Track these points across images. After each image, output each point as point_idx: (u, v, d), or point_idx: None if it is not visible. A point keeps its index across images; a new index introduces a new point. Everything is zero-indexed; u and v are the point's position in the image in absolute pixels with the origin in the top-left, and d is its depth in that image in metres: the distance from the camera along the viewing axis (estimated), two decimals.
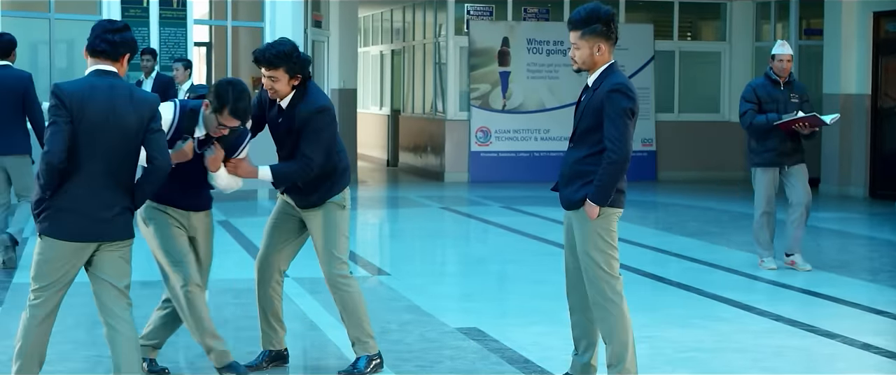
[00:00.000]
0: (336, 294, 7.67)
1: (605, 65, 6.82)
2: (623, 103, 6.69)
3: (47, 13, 16.77)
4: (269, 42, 7.53)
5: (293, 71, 7.27)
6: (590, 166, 6.78)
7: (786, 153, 11.89)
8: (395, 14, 26.67)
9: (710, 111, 24.10)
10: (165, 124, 6.88)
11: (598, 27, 6.76)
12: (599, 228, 6.81)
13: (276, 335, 7.86)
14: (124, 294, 6.53)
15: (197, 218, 7.42)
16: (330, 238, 7.57)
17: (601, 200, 6.74)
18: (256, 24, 18.98)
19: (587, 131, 6.82)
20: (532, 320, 9.48)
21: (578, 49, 6.81)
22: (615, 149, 6.66)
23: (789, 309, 9.96)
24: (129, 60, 6.42)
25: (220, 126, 6.96)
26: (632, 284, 11.18)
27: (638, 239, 14.37)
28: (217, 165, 7.18)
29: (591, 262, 6.83)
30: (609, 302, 6.84)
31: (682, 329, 9.23)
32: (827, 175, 20.79)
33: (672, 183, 22.73)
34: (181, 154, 6.99)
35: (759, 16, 23.74)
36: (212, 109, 6.92)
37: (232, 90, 6.90)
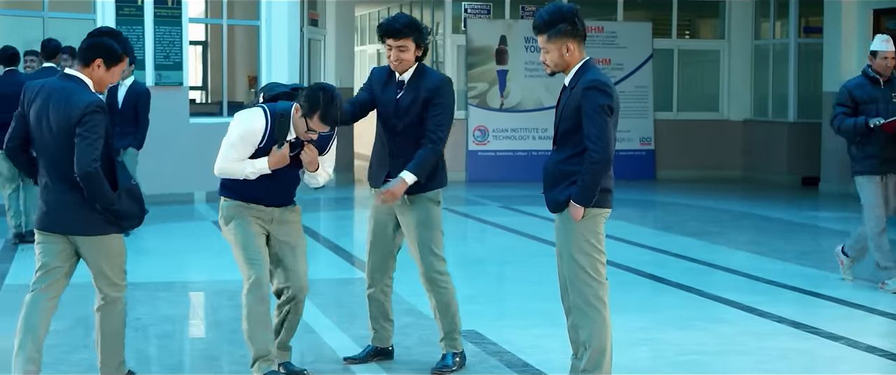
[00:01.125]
0: (433, 291, 7.70)
1: (579, 63, 6.68)
2: (600, 100, 6.52)
3: (41, 11, 16.62)
4: (390, 15, 7.57)
5: (419, 41, 7.41)
6: (573, 166, 6.62)
7: (889, 159, 10.81)
8: (392, 11, 26.47)
9: (709, 109, 23.99)
10: (258, 134, 7.00)
11: (563, 26, 6.61)
12: (585, 230, 6.64)
13: (386, 332, 7.97)
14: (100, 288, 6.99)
15: (285, 212, 7.31)
16: (427, 234, 7.61)
17: (585, 201, 6.57)
18: (252, 22, 18.86)
19: (568, 132, 6.66)
20: (531, 322, 9.35)
21: (548, 52, 6.68)
22: (596, 148, 6.49)
23: (792, 311, 9.84)
24: (108, 66, 6.76)
25: (309, 131, 6.96)
26: (631, 285, 11.15)
27: (637, 238, 14.26)
28: (316, 164, 7.19)
29: (575, 265, 6.67)
30: (590, 307, 6.68)
31: (683, 331, 9.11)
32: (827, 174, 20.68)
33: (671, 181, 22.62)
34: (280, 158, 7.07)
35: (758, 13, 23.63)
36: (302, 114, 6.91)
37: (323, 96, 6.88)
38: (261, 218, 7.18)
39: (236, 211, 7.18)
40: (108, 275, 6.93)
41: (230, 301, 10.25)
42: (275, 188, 7.21)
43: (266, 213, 7.20)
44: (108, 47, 6.71)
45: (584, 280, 6.66)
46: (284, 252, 7.27)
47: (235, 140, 7.04)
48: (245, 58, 21.95)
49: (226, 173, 7.12)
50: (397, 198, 7.46)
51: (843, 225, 16.32)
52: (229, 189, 7.23)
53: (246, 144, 7.04)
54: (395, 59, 7.40)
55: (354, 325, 9.18)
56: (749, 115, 23.65)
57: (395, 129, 7.51)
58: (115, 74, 6.83)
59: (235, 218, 7.17)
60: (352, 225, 16.71)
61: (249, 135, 7.02)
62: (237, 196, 7.19)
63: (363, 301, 8.03)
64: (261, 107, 7.12)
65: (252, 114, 7.07)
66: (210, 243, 13.77)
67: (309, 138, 7.02)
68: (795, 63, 22.46)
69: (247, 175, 7.06)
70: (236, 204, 7.18)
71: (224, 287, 10.77)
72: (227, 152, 7.08)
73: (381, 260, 7.82)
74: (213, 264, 12.40)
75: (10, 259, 12.24)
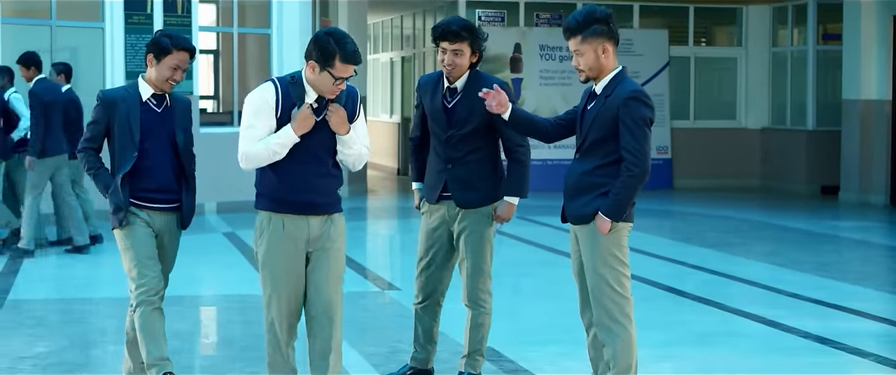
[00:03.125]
0: (474, 310, 7.34)
1: (613, 70, 6.38)
2: (642, 111, 6.26)
3: (49, 20, 16.39)
4: (446, 18, 7.20)
5: (476, 46, 7.11)
6: (600, 178, 6.33)
7: None
8: (405, 20, 26.36)
9: (726, 118, 23.74)
10: (270, 102, 6.21)
11: (598, 27, 6.30)
12: (610, 244, 6.35)
13: (428, 354, 7.61)
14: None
15: (323, 224, 6.41)
16: (480, 251, 7.24)
17: (616, 215, 6.28)
18: (263, 30, 18.63)
19: (598, 142, 6.36)
20: (549, 338, 9.08)
21: (582, 54, 6.35)
22: (636, 161, 6.21)
23: (816, 325, 9.55)
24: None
25: (336, 81, 6.18)
26: (649, 298, 10.87)
27: (654, 249, 13.99)
28: (346, 125, 6.31)
29: (601, 280, 6.36)
30: (616, 324, 6.37)
31: (706, 346, 8.84)
32: (847, 182, 20.42)
33: (688, 191, 22.37)
34: (304, 119, 6.21)
35: (775, 20, 23.37)
36: (320, 68, 6.15)
37: (333, 37, 6.18)
38: (298, 237, 6.34)
39: (270, 233, 6.35)
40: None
41: (241, 316, 10.02)
42: (311, 176, 6.32)
43: (303, 231, 6.34)
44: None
45: (610, 295, 6.37)
46: (313, 282, 6.44)
47: (250, 118, 6.28)
48: (256, 66, 21.73)
49: (252, 158, 6.29)
50: (508, 220, 7.23)
51: (864, 235, 16.07)
52: (262, 195, 6.39)
53: (262, 118, 6.25)
54: (449, 63, 7.06)
55: (365, 341, 8.91)
56: (767, 124, 23.40)
57: (451, 140, 7.16)
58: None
59: (268, 242, 6.36)
60: (364, 236, 16.44)
61: (262, 108, 6.25)
62: (272, 202, 6.35)
63: (376, 315, 7.79)
64: (270, 79, 6.42)
65: (258, 88, 6.37)
66: (221, 256, 13.52)
67: (337, 91, 6.25)
68: (814, 70, 22.19)
69: (275, 152, 6.23)
70: (270, 217, 6.35)
71: (235, 302, 10.53)
72: (246, 134, 6.28)
73: (433, 276, 7.41)
74: (225, 278, 12.17)
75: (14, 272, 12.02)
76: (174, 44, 6.79)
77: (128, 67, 16.78)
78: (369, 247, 15.19)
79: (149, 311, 6.78)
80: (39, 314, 10.02)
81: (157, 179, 6.87)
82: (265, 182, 6.38)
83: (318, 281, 6.38)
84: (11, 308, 10.18)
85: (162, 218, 6.94)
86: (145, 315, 6.77)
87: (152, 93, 6.87)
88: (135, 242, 6.85)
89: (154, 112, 6.88)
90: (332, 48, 6.12)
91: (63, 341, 8.84)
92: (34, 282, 11.56)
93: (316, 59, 6.16)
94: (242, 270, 12.28)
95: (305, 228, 6.35)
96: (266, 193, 6.38)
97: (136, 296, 6.79)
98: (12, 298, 10.62)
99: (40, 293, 11.03)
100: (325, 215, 6.39)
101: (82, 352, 8.59)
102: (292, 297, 6.39)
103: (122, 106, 6.84)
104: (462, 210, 7.20)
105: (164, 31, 6.93)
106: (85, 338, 9.03)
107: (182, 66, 6.81)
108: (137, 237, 6.85)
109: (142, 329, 6.77)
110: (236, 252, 13.50)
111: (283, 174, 6.30)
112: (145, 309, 6.77)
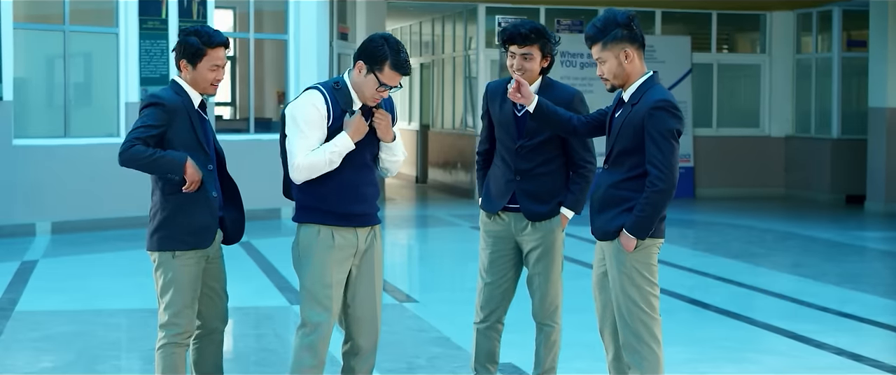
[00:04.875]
0: (546, 327, 6.95)
1: (642, 76, 6.03)
2: (669, 123, 5.89)
3: (62, 25, 16.15)
4: (514, 21, 6.86)
5: (546, 50, 6.70)
6: (626, 192, 5.99)
7: None
8: (424, 26, 26.11)
9: (749, 126, 23.43)
10: (321, 110, 6.01)
11: (619, 32, 5.97)
12: (637, 262, 6.02)
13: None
14: None
15: (368, 237, 6.24)
16: (553, 265, 6.83)
17: (641, 233, 5.94)
18: (280, 36, 18.39)
19: (624, 153, 6.01)
20: (572, 354, 8.74)
21: (604, 62, 6.02)
22: (661, 176, 5.85)
23: (849, 341, 9.22)
24: None
25: (380, 88, 6.02)
26: (672, 310, 10.56)
27: (676, 260, 13.69)
28: (392, 132, 6.21)
29: (628, 300, 6.03)
30: (644, 347, 6.05)
31: (735, 364, 8.53)
32: (873, 192, 20.08)
33: (710, 200, 22.07)
34: (358, 125, 6.03)
35: (799, 27, 23.05)
36: (367, 71, 6.00)
37: (387, 43, 5.98)
38: (346, 253, 6.15)
39: (319, 246, 6.12)
40: None
41: (255, 330, 9.76)
42: (359, 186, 6.12)
43: (352, 244, 6.15)
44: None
45: (638, 316, 6.04)
46: (358, 293, 6.25)
47: (303, 127, 6.02)
48: (274, 73, 21.51)
49: (311, 169, 5.98)
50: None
51: (892, 245, 15.75)
52: (307, 208, 6.15)
53: (314, 128, 6.02)
54: (519, 68, 6.67)
55: (382, 355, 8.54)
56: (791, 132, 23.09)
57: (521, 150, 6.77)
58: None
59: (315, 256, 6.13)
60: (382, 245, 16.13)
61: (313, 116, 6.02)
62: (321, 214, 6.11)
63: (394, 329, 7.50)
64: (316, 86, 6.19)
65: (304, 96, 6.10)
66: (237, 266, 13.17)
67: (381, 97, 6.09)
68: (839, 77, 21.86)
69: (331, 160, 5.99)
70: (318, 230, 6.12)
71: (249, 314, 10.24)
72: (300, 145, 6.00)
73: (497, 292, 6.97)
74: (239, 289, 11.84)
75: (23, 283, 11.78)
76: (206, 42, 6.19)
77: (142, 73, 16.55)
78: (387, 258, 14.90)
79: (179, 353, 6.26)
80: (47, 326, 9.76)
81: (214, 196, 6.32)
82: (311, 193, 6.12)
83: (364, 295, 6.23)
84: (18, 319, 9.94)
85: (217, 241, 6.39)
86: (174, 356, 6.24)
87: (200, 100, 6.29)
88: (185, 276, 6.20)
89: (203, 119, 6.30)
90: (385, 52, 5.97)
91: (69, 355, 8.59)
92: (43, 292, 11.30)
93: (365, 60, 5.99)
94: (256, 281, 12.01)
95: (354, 241, 6.17)
96: (313, 205, 6.12)
97: (170, 337, 6.22)
98: (20, 309, 10.37)
99: (49, 304, 10.76)
100: (370, 226, 6.24)
101: (88, 367, 8.32)
102: (337, 316, 6.21)
103: (182, 113, 6.17)
104: (531, 223, 6.82)
105: (190, 29, 6.28)
106: (92, 353, 8.76)
107: (220, 64, 6.25)
108: (189, 271, 6.22)
109: (168, 369, 6.23)
110: (251, 262, 13.21)
111: (333, 184, 6.10)
112: (174, 350, 6.24)
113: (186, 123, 6.17)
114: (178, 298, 6.17)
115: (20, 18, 15.79)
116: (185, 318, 6.21)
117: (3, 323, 9.79)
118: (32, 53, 16.46)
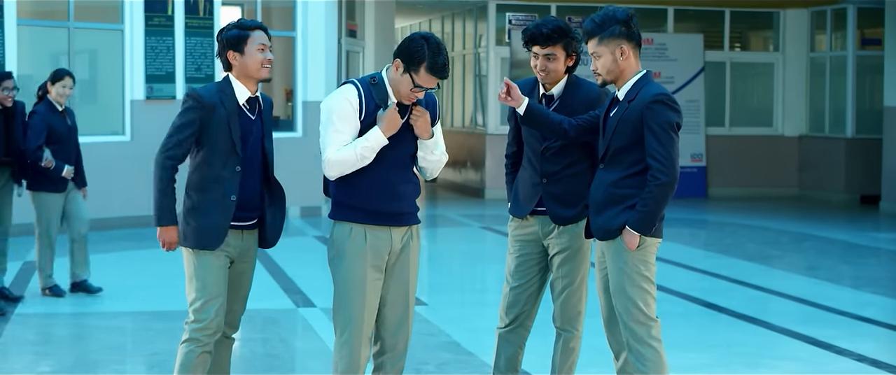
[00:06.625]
0: (566, 333, 6.63)
1: (636, 74, 5.95)
2: (669, 116, 5.82)
3: (66, 21, 15.94)
4: (536, 20, 6.64)
5: (571, 49, 6.50)
6: (628, 189, 5.89)
7: None
8: (434, 24, 25.92)
9: (762, 125, 23.18)
10: (354, 104, 5.88)
11: (617, 28, 5.89)
12: (638, 262, 5.91)
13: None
14: None
15: (404, 237, 6.07)
16: (578, 270, 6.55)
17: (645, 228, 5.84)
18: (288, 33, 18.17)
19: (622, 150, 5.92)
20: (585, 360, 8.47)
21: (599, 57, 5.94)
22: (663, 169, 5.77)
23: (871, 347, 8.99)
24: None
25: (415, 89, 5.87)
26: (686, 314, 10.35)
27: (689, 261, 13.47)
28: (429, 130, 6.06)
29: (627, 301, 5.91)
30: (646, 347, 5.91)
31: (754, 371, 8.28)
32: (888, 192, 19.84)
33: (723, 200, 21.82)
34: (392, 120, 5.87)
35: (813, 25, 22.80)
36: (403, 70, 5.85)
37: (427, 44, 5.82)
38: (380, 253, 5.96)
39: (351, 247, 5.95)
40: None
41: (261, 334, 9.54)
42: (396, 184, 5.98)
43: (386, 243, 5.98)
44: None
45: (638, 317, 5.91)
46: (390, 294, 6.08)
47: (335, 121, 5.88)
48: (282, 70, 21.30)
49: (341, 164, 5.85)
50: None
51: None
52: (342, 205, 5.99)
53: (347, 122, 5.89)
54: (542, 68, 6.52)
55: None
56: (804, 131, 22.85)
57: (547, 152, 6.53)
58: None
59: (347, 256, 5.96)
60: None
61: (345, 110, 5.88)
62: (354, 212, 5.96)
63: None
64: (351, 81, 6.03)
65: (338, 91, 5.98)
66: None
67: (414, 98, 5.94)
68: (853, 76, 21.61)
69: (363, 156, 5.85)
70: (350, 229, 5.96)
71: (254, 317, 10.00)
72: (332, 140, 5.87)
73: (523, 297, 6.66)
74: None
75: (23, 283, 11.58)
76: (245, 27, 6.10)
77: (148, 71, 16.34)
78: None
79: (198, 353, 6.07)
80: (47, 329, 9.57)
81: (245, 194, 6.11)
82: (346, 190, 5.97)
83: (395, 298, 6.06)
84: (19, 322, 9.74)
85: (242, 240, 6.18)
86: (192, 354, 6.06)
87: (247, 96, 6.14)
88: (206, 273, 6.06)
89: (247, 117, 6.14)
90: (423, 53, 5.83)
91: (69, 359, 8.38)
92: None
93: (403, 58, 5.85)
94: (263, 282, 11.78)
95: (388, 241, 6.00)
96: (347, 202, 5.97)
97: (191, 331, 6.05)
98: (20, 311, 10.15)
99: (49, 306, 10.52)
100: (407, 226, 6.06)
101: (89, 371, 8.10)
102: (372, 319, 6.01)
103: (219, 110, 6.04)
104: (558, 226, 6.58)
105: (228, 24, 6.18)
106: (92, 357, 8.54)
107: (266, 43, 6.10)
108: (211, 267, 6.07)
109: (183, 368, 6.05)
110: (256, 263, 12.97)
111: (367, 181, 5.94)
112: (194, 349, 6.06)
113: (223, 121, 6.05)
114: (200, 294, 6.08)
115: (25, 15, 15.59)
116: (206, 314, 6.06)
117: (3, 326, 9.59)
118: (37, 50, 16.26)
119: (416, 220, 6.11)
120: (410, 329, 6.12)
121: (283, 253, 13.25)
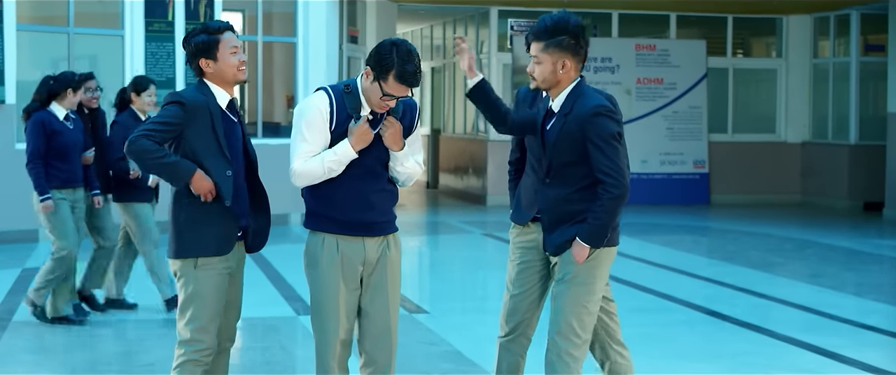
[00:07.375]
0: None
1: (571, 84, 5.89)
2: (610, 127, 5.77)
3: (66, 27, 15.88)
4: (545, 17, 6.44)
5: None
6: (579, 204, 5.87)
7: None
8: (436, 30, 25.84)
9: (765, 131, 23.12)
10: (324, 113, 5.68)
11: (565, 40, 5.81)
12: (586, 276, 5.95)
13: None
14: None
15: (379, 246, 5.89)
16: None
17: (597, 241, 5.82)
18: (289, 39, 18.12)
19: (567, 165, 5.88)
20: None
21: (540, 63, 5.86)
22: (615, 183, 5.73)
23: (879, 357, 8.90)
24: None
25: (384, 97, 5.63)
26: (690, 322, 10.26)
27: (693, 269, 13.39)
28: (401, 141, 5.80)
29: (563, 313, 5.97)
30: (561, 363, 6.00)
31: None
32: (892, 199, 19.76)
33: (726, 206, 21.75)
34: (362, 134, 5.66)
35: (816, 31, 22.73)
36: (373, 78, 5.63)
37: (396, 51, 5.57)
38: (353, 263, 5.80)
39: (323, 257, 5.80)
40: None
41: (260, 342, 9.44)
42: (368, 193, 5.81)
43: (360, 254, 5.81)
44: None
45: (567, 333, 5.97)
46: (370, 305, 5.89)
47: (302, 130, 5.69)
48: (282, 76, 21.23)
49: (306, 175, 5.69)
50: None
51: None
52: (314, 214, 5.84)
53: (315, 131, 5.69)
54: (529, 71, 6.28)
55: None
56: (808, 137, 22.77)
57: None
58: None
59: (320, 267, 5.80)
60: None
61: (314, 119, 5.69)
62: (325, 221, 5.79)
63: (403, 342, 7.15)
64: (323, 88, 5.85)
65: (310, 98, 5.79)
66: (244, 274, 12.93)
67: (385, 107, 5.71)
68: (857, 82, 21.54)
69: (330, 169, 5.68)
70: (323, 239, 5.80)
71: (255, 325, 9.93)
72: (298, 149, 5.70)
73: (522, 304, 6.45)
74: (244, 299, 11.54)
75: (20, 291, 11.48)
76: (213, 31, 5.90)
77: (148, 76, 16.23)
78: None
79: (195, 371, 5.88)
80: (44, 338, 9.47)
81: (235, 200, 5.92)
82: (318, 199, 5.79)
83: (375, 310, 5.86)
84: (15, 330, 9.65)
85: (238, 249, 6.04)
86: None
87: (228, 100, 5.95)
88: (207, 291, 5.87)
89: (231, 121, 5.95)
90: (391, 61, 5.57)
91: (64, 370, 8.28)
92: None
93: (372, 66, 5.63)
94: (263, 290, 11.71)
95: (361, 252, 5.81)
96: (319, 212, 5.80)
97: (190, 353, 5.85)
98: (17, 320, 10.07)
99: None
100: (381, 236, 5.87)
101: None
102: (347, 330, 5.84)
103: (203, 113, 5.82)
104: None
105: (192, 31, 5.98)
106: (89, 368, 8.45)
107: (237, 45, 5.90)
108: (212, 284, 5.89)
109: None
110: (257, 270, 12.89)
111: (337, 191, 5.75)
112: (194, 370, 5.87)
113: (207, 125, 5.82)
114: (201, 313, 5.84)
115: (24, 20, 15.53)
116: (208, 335, 5.87)
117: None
118: (36, 56, 16.19)
119: (393, 229, 5.95)
120: (395, 342, 5.92)
121: (284, 260, 13.19)
